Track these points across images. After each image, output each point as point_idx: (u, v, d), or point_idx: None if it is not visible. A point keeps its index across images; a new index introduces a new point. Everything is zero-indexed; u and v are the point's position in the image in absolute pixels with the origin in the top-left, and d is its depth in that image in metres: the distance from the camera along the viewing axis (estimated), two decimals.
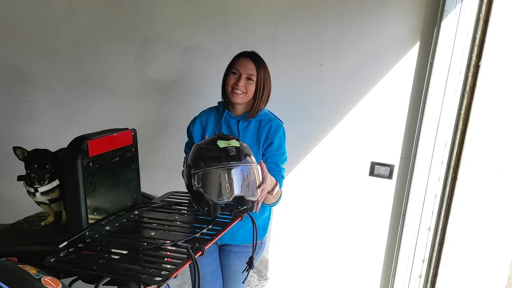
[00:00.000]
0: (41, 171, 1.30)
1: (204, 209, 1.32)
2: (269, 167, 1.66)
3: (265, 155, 1.70)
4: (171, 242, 1.18)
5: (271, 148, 1.69)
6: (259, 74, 1.67)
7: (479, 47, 1.85)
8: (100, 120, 2.46)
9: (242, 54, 1.71)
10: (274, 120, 1.74)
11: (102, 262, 1.10)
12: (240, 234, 1.77)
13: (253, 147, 1.68)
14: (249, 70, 1.66)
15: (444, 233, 2.02)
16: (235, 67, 1.68)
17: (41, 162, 1.30)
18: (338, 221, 2.29)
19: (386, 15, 2.03)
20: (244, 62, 1.67)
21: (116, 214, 1.35)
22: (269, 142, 1.69)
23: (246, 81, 1.66)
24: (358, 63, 2.11)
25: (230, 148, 1.33)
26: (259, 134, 1.71)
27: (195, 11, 2.29)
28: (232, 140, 1.37)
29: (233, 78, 1.67)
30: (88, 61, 2.54)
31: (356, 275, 2.32)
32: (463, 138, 1.92)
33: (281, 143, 1.71)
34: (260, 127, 1.71)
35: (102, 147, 1.28)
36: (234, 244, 1.83)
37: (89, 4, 2.47)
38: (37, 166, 1.30)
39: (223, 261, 1.91)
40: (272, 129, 1.70)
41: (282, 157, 1.72)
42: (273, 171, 1.67)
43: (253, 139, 1.71)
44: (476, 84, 1.86)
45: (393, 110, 2.10)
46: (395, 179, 2.16)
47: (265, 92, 1.70)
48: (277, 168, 1.69)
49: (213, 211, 1.31)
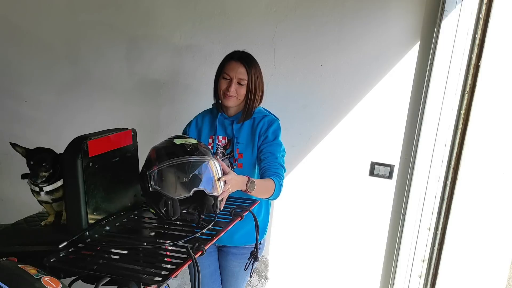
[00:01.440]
0: (35, 168, 1.29)
1: (162, 209, 1.26)
2: (265, 156, 1.64)
3: (260, 148, 1.68)
4: (171, 242, 1.18)
5: (266, 141, 1.67)
6: (250, 77, 1.65)
7: (479, 47, 1.84)
8: (100, 120, 2.46)
9: (231, 57, 1.68)
10: (268, 117, 1.73)
11: (102, 262, 1.10)
12: (238, 236, 1.77)
13: (249, 145, 1.69)
14: (240, 74, 1.65)
15: (444, 233, 2.02)
16: (225, 71, 1.67)
17: (39, 159, 1.30)
18: (338, 221, 2.29)
19: (386, 15, 2.03)
20: (234, 66, 1.65)
21: (116, 214, 1.35)
22: (263, 138, 1.68)
23: (237, 86, 1.65)
24: (358, 63, 2.11)
25: (187, 144, 1.30)
26: (253, 132, 1.70)
27: (194, 11, 2.29)
28: (189, 139, 1.34)
29: (224, 83, 1.67)
30: (88, 61, 2.54)
31: (356, 275, 2.32)
32: (463, 138, 1.92)
33: (276, 136, 1.68)
34: (254, 125, 1.71)
35: (102, 147, 1.29)
36: (232, 245, 1.83)
37: (89, 4, 2.47)
38: (33, 163, 1.29)
39: (221, 263, 1.91)
40: (266, 124, 1.69)
41: (279, 147, 1.68)
42: (268, 160, 1.64)
43: (248, 137, 1.70)
44: (476, 84, 1.86)
45: (393, 110, 2.10)
46: (395, 179, 2.16)
47: (257, 93, 1.69)
48: (273, 157, 1.64)
49: (172, 212, 1.26)
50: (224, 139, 1.74)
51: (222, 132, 1.74)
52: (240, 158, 1.69)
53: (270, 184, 1.55)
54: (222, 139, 1.74)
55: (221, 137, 1.74)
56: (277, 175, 1.59)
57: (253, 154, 1.68)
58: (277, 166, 1.63)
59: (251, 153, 1.69)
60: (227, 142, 1.74)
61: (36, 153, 1.32)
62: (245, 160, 1.69)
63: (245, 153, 1.69)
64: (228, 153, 1.72)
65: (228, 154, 1.72)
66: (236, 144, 1.70)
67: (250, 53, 1.73)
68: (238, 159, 1.69)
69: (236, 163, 1.70)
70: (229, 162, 1.72)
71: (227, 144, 1.74)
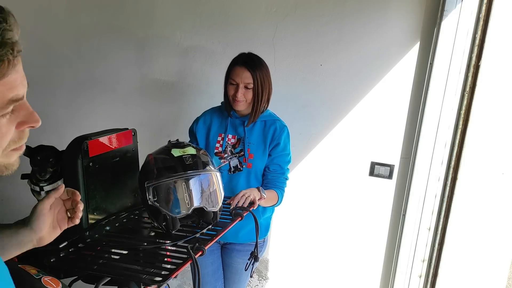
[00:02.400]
0: (43, 164, 1.30)
1: (162, 224, 1.24)
2: (274, 168, 1.74)
3: (271, 156, 1.74)
4: (171, 242, 1.19)
5: (277, 149, 1.73)
6: (256, 80, 1.67)
7: (479, 47, 1.84)
8: (100, 120, 2.46)
9: (236, 61, 1.71)
10: (279, 121, 1.78)
11: (102, 262, 1.10)
12: (243, 233, 1.78)
13: (260, 147, 1.73)
14: (245, 79, 1.67)
15: (444, 233, 2.02)
16: (231, 77, 1.69)
17: (45, 155, 1.31)
18: (338, 221, 2.29)
19: (386, 15, 2.03)
20: (239, 71, 1.67)
21: (116, 214, 1.36)
22: (275, 143, 1.73)
23: (244, 90, 1.68)
24: (358, 63, 2.11)
25: (185, 157, 1.25)
26: (265, 134, 1.74)
27: (195, 11, 2.29)
28: (188, 148, 1.29)
29: (232, 89, 1.69)
30: (88, 61, 2.54)
31: (356, 275, 2.32)
32: (463, 138, 1.92)
33: (286, 144, 1.76)
34: (266, 128, 1.75)
35: (102, 147, 1.29)
36: (237, 242, 1.84)
37: (89, 4, 2.47)
38: (40, 158, 1.30)
39: (225, 260, 1.92)
40: (278, 130, 1.74)
41: (287, 158, 1.78)
42: (276, 173, 1.74)
43: (259, 139, 1.74)
44: (476, 84, 1.86)
45: (393, 110, 2.10)
46: (395, 179, 2.16)
47: (264, 95, 1.71)
48: (281, 170, 1.76)
49: (171, 226, 1.23)
50: (234, 138, 1.77)
51: (232, 131, 1.77)
52: (250, 158, 1.73)
53: (274, 195, 1.71)
54: (232, 138, 1.77)
55: (230, 135, 1.77)
56: (281, 189, 1.75)
57: (264, 155, 1.73)
58: (283, 180, 1.77)
59: (262, 154, 1.73)
60: (237, 141, 1.77)
61: (40, 150, 1.32)
62: (255, 161, 1.74)
63: (256, 153, 1.74)
64: (237, 152, 1.75)
65: (237, 153, 1.75)
66: (247, 144, 1.73)
67: (255, 53, 1.75)
68: (248, 159, 1.73)
69: (246, 162, 1.73)
70: (238, 160, 1.74)
71: (236, 143, 1.76)
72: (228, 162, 1.75)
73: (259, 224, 1.44)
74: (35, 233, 0.91)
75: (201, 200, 1.25)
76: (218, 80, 1.78)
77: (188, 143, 1.35)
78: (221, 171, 1.68)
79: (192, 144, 1.35)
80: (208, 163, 1.29)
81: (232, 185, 1.74)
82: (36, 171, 1.30)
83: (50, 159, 1.30)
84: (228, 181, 1.74)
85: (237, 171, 1.74)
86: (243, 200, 1.48)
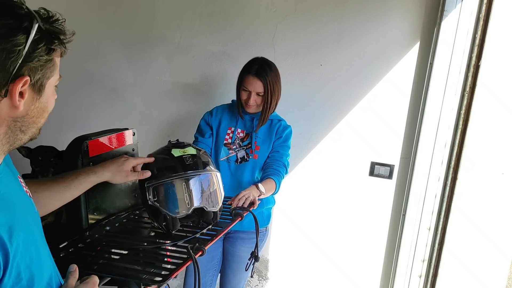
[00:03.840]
0: (45, 164, 1.31)
1: (162, 224, 1.25)
2: (272, 154, 1.88)
3: (273, 146, 1.89)
4: (171, 242, 1.19)
5: (279, 141, 1.88)
6: (267, 89, 1.78)
7: (479, 47, 1.84)
8: (100, 120, 2.46)
9: (249, 70, 1.79)
10: (284, 121, 1.92)
11: (102, 262, 1.10)
12: (248, 220, 1.80)
13: (266, 141, 1.88)
14: (257, 88, 1.78)
15: (444, 233, 2.02)
16: (244, 85, 1.80)
17: (45, 156, 1.32)
18: (338, 221, 2.29)
19: (386, 15, 2.03)
20: (252, 81, 1.78)
21: (116, 214, 1.35)
22: (278, 137, 1.88)
23: (256, 96, 1.80)
24: (358, 63, 2.11)
25: (186, 157, 1.25)
26: (271, 131, 1.88)
27: (195, 11, 2.29)
28: (188, 148, 1.30)
29: (244, 95, 1.82)
30: (88, 61, 2.54)
31: (356, 275, 2.32)
32: (463, 138, 1.92)
33: (287, 138, 1.90)
34: (272, 125, 1.89)
35: (102, 147, 1.28)
36: (241, 230, 1.89)
37: (89, 4, 2.47)
38: (41, 159, 1.31)
39: (229, 249, 1.96)
40: (282, 127, 1.89)
41: (287, 148, 1.90)
42: (274, 157, 1.86)
43: (265, 134, 1.88)
44: (476, 84, 1.86)
45: (393, 110, 2.10)
46: (395, 179, 2.16)
47: (273, 100, 1.83)
48: (279, 155, 1.87)
49: (171, 226, 1.24)
50: (243, 132, 1.91)
51: (241, 126, 1.90)
52: (256, 150, 1.88)
53: (272, 185, 1.76)
54: (241, 132, 1.91)
55: (240, 130, 1.90)
56: (277, 173, 1.81)
57: (268, 148, 1.88)
58: (280, 164, 1.84)
59: (267, 147, 1.88)
60: (245, 136, 1.90)
61: (40, 151, 1.33)
62: (260, 152, 1.88)
63: (262, 146, 1.88)
64: (245, 145, 1.89)
65: (245, 146, 1.89)
66: (255, 137, 1.88)
67: (268, 59, 1.84)
68: (255, 150, 1.88)
69: (253, 154, 1.88)
70: (245, 152, 1.88)
71: (245, 137, 1.90)
72: (235, 153, 1.88)
73: (261, 214, 1.47)
74: (110, 178, 1.17)
75: (201, 200, 1.25)
76: (218, 80, 1.78)
77: (188, 143, 1.34)
78: (229, 161, 1.88)
79: (192, 144, 1.36)
80: (208, 163, 1.30)
81: (238, 174, 1.87)
82: (38, 172, 1.31)
83: (51, 159, 1.31)
84: (234, 171, 1.88)
85: (244, 161, 1.88)
86: (243, 201, 1.52)
